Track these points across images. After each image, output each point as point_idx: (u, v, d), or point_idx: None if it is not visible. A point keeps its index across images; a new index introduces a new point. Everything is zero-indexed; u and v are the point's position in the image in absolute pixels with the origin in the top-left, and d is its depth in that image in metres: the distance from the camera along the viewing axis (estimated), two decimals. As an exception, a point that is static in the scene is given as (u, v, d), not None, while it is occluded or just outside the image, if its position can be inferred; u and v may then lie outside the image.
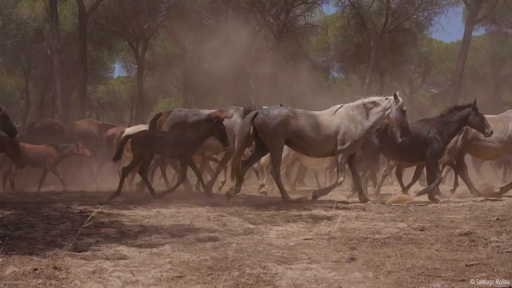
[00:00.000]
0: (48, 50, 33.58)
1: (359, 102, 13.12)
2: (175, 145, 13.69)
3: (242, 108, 15.63)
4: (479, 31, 41.67)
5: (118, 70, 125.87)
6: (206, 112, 15.83)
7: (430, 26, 38.16)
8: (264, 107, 15.10)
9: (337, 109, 13.09)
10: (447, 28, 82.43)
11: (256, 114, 13.06)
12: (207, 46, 34.60)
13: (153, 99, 50.78)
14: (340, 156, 12.81)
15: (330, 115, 13.00)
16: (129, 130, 17.04)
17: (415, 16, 37.30)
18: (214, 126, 13.68)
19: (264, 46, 38.56)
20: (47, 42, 33.46)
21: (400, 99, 12.89)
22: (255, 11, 35.93)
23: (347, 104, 13.25)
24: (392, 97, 12.97)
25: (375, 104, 12.98)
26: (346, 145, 12.77)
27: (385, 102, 12.96)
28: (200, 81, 40.40)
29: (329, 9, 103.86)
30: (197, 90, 43.42)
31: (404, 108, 12.96)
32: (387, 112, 12.91)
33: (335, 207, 11.17)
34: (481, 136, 14.76)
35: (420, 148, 13.71)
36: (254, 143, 13.80)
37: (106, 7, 34.32)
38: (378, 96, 13.40)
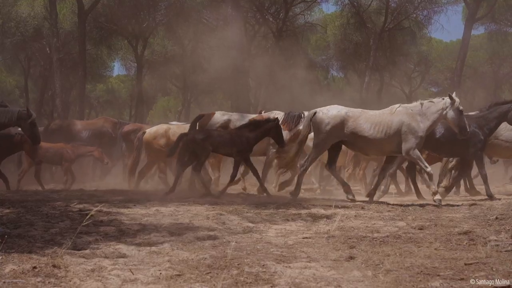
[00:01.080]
0: (48, 49, 33.60)
1: (417, 102, 13.05)
2: (233, 144, 13.73)
3: (283, 113, 15.59)
4: (478, 30, 41.66)
5: (117, 69, 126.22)
6: (248, 116, 15.85)
7: (430, 25, 38.17)
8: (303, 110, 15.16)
9: (396, 108, 13.02)
10: (447, 27, 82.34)
11: (315, 113, 13.12)
12: (206, 45, 34.60)
13: (153, 98, 50.78)
14: (411, 153, 12.72)
15: (390, 114, 12.90)
16: (151, 130, 16.95)
17: (414, 15, 37.28)
18: (272, 127, 13.71)
19: (264, 45, 38.59)
20: (46, 40, 33.49)
21: (456, 99, 12.78)
22: (255, 9, 35.94)
23: (406, 104, 13.21)
24: (447, 98, 12.87)
25: (432, 104, 12.86)
26: (411, 142, 12.60)
27: (441, 102, 12.81)
28: (200, 80, 40.38)
29: (329, 8, 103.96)
30: (196, 88, 43.44)
31: (461, 107, 12.83)
32: (444, 112, 12.77)
33: (334, 205, 11.19)
34: (499, 135, 14.79)
35: (461, 142, 13.62)
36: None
37: (106, 5, 34.31)
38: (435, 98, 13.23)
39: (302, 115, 14.89)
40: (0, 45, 33.91)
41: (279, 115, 15.49)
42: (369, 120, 12.81)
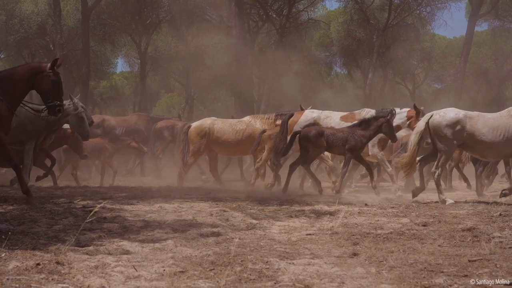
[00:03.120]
0: (51, 45, 33.66)
1: None
2: (346, 142, 13.56)
3: (374, 111, 15.40)
4: (482, 27, 41.59)
5: (121, 65, 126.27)
6: (338, 114, 15.76)
7: (433, 21, 38.23)
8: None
9: None
10: (450, 23, 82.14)
11: (431, 115, 12.88)
12: (209, 41, 34.64)
13: (156, 94, 50.80)
14: None
15: (507, 117, 12.49)
16: (196, 124, 16.81)
17: (418, 11, 37.25)
18: (384, 123, 13.57)
19: (267, 41, 38.56)
20: (50, 37, 33.57)
21: None
22: (258, 6, 35.91)
23: None
24: None
25: None
26: None
27: None
28: (203, 76, 40.43)
29: (332, 4, 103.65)
30: (200, 85, 43.41)
31: None
32: None
33: (338, 202, 11.19)
34: None
35: None
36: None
37: (109, 2, 34.41)
38: None
39: (394, 112, 14.68)
40: (4, 42, 33.98)
41: (370, 112, 15.28)
42: (487, 124, 12.44)
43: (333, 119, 15.16)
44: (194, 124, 16.77)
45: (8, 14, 33.29)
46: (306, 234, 7.86)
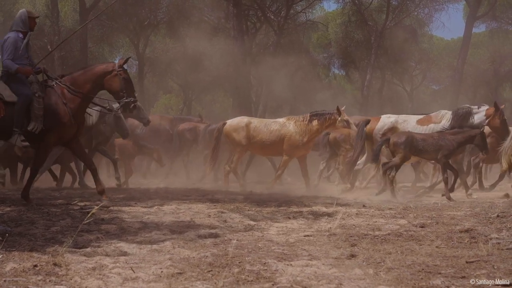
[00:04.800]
0: (49, 46, 33.58)
1: None
2: (436, 148, 13.52)
3: (450, 112, 15.32)
4: (479, 28, 41.59)
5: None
6: (414, 117, 15.77)
7: (431, 23, 38.22)
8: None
9: None
10: (448, 25, 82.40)
11: None
12: (207, 43, 34.65)
13: (154, 96, 50.75)
14: None
15: None
16: (232, 122, 16.75)
17: (415, 13, 37.29)
18: (477, 134, 13.50)
19: (265, 42, 38.55)
20: (48, 38, 33.48)
21: None
22: (256, 7, 35.90)
23: None
24: None
25: None
26: None
27: None
28: (201, 78, 40.40)
29: (330, 6, 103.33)
30: (198, 86, 43.38)
31: None
32: None
33: (336, 203, 11.19)
34: None
35: None
36: None
37: (107, 3, 34.33)
38: None
39: (472, 111, 14.57)
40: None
41: (447, 114, 15.22)
42: None
43: (410, 123, 15.18)
44: (230, 122, 16.75)
45: (5, 15, 33.24)
46: (304, 236, 7.86)
